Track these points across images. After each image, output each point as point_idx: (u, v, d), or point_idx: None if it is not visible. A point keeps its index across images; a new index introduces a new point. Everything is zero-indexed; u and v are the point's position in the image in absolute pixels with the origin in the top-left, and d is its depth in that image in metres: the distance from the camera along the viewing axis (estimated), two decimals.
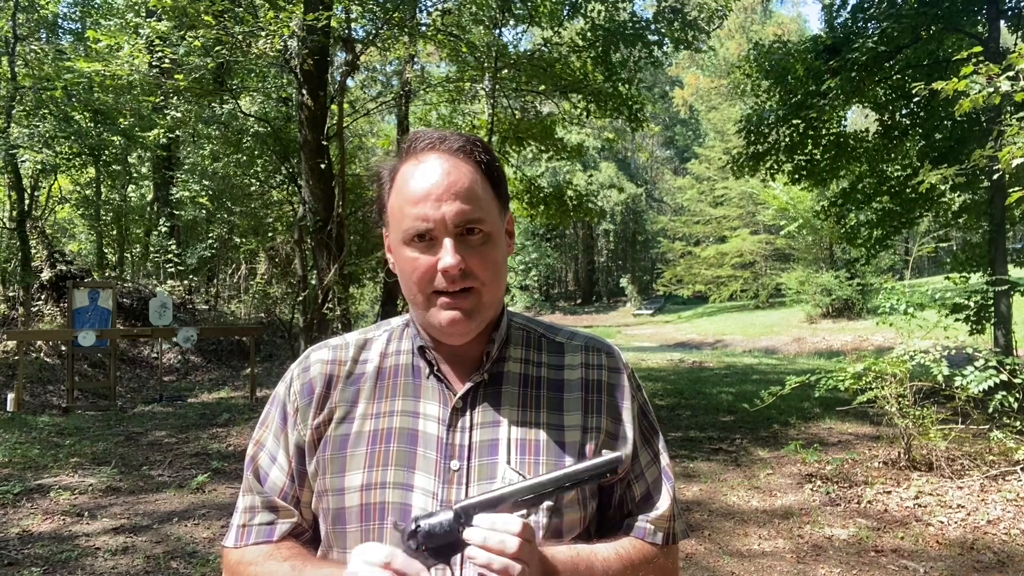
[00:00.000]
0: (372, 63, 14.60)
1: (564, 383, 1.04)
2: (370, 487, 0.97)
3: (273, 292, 16.62)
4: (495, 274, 0.97)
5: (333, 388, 1.03)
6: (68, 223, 17.99)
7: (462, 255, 0.93)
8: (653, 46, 10.42)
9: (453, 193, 0.94)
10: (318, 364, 1.05)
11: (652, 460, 1.07)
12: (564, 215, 13.21)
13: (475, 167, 0.97)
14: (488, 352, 1.01)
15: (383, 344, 1.07)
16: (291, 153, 10.57)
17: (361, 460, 0.99)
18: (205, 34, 7.58)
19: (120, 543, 4.30)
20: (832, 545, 4.19)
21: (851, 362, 5.76)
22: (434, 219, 0.93)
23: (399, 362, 1.05)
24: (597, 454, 1.00)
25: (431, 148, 0.97)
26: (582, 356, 1.06)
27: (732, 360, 15.80)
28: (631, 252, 50.00)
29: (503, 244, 1.00)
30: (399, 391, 1.02)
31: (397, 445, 0.99)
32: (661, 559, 1.04)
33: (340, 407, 1.02)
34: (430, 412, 1.00)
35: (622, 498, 1.06)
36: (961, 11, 8.77)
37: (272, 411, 1.07)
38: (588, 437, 1.01)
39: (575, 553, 0.95)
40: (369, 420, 1.01)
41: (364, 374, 1.04)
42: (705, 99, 46.56)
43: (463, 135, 1.00)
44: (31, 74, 12.02)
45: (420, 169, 0.96)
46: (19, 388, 9.13)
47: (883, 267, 25.52)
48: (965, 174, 8.18)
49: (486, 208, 0.97)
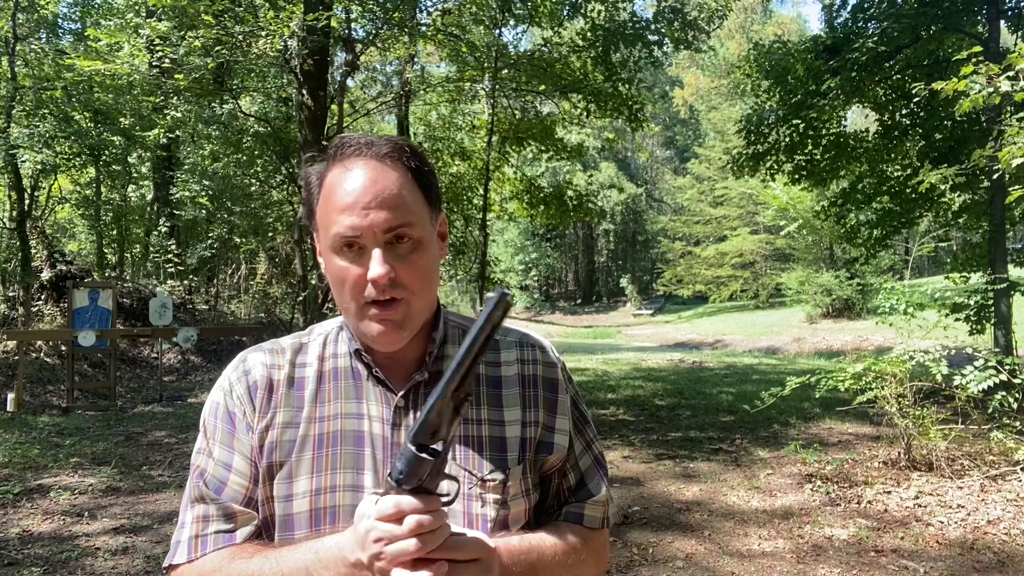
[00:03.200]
0: (372, 63, 14.60)
1: (502, 379, 1.05)
2: (319, 492, 0.96)
3: (273, 292, 16.63)
4: (425, 281, 0.97)
5: (275, 392, 1.01)
6: (68, 223, 17.99)
7: (391, 264, 0.92)
8: (653, 46, 10.42)
9: (380, 201, 0.92)
10: (258, 367, 1.03)
11: (585, 448, 1.10)
12: (564, 215, 13.21)
13: (404, 172, 0.96)
14: (431, 352, 1.02)
15: (319, 348, 1.05)
16: (291, 153, 10.57)
17: (308, 465, 0.97)
18: (205, 34, 7.58)
19: (120, 543, 4.30)
20: (832, 545, 4.19)
21: (851, 362, 5.76)
22: (362, 228, 0.92)
23: (337, 365, 1.03)
24: (535, 447, 1.04)
25: (358, 154, 0.95)
26: (517, 352, 1.07)
27: (732, 360, 15.80)
28: (631, 252, 50.00)
29: (434, 249, 0.99)
30: (340, 394, 1.01)
31: (343, 448, 0.98)
32: (597, 540, 1.09)
33: (283, 412, 1.00)
34: (373, 413, 1.00)
35: (559, 487, 1.09)
36: (961, 11, 8.77)
37: (214, 421, 1.03)
38: (527, 431, 1.03)
39: (527, 543, 0.98)
40: (313, 424, 0.99)
41: (304, 378, 1.03)
42: (705, 99, 46.55)
43: (391, 139, 0.98)
44: (31, 74, 12.02)
45: (347, 176, 0.94)
46: (19, 388, 9.13)
47: (883, 267, 25.51)
48: (965, 174, 8.19)
49: (416, 214, 0.95)
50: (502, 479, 1.00)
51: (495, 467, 1.00)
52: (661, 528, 4.53)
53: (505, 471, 1.00)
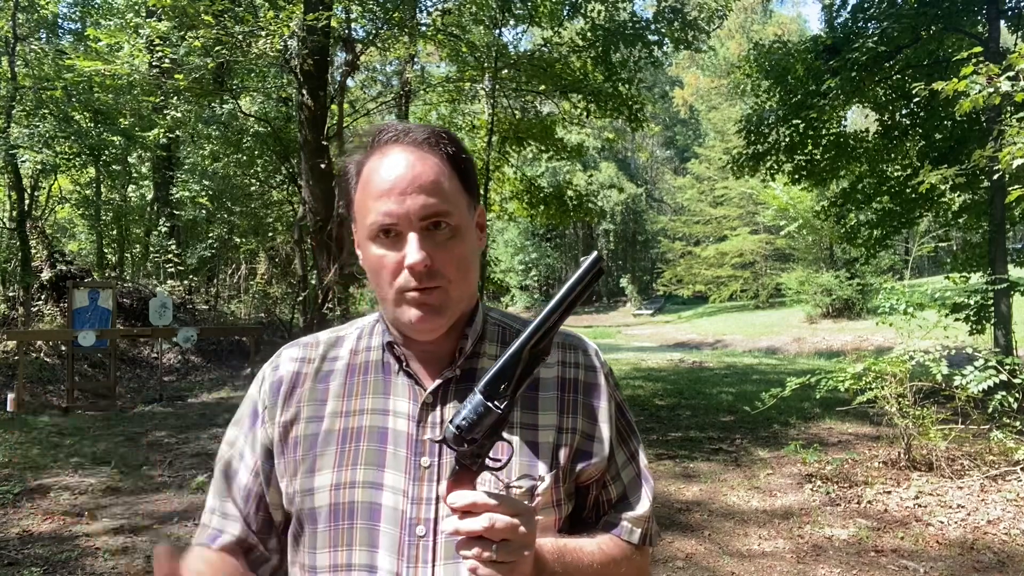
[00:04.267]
0: (372, 63, 14.61)
1: (539, 381, 1.00)
2: (339, 487, 0.95)
3: (273, 292, 16.62)
4: (463, 270, 0.95)
5: (301, 386, 1.01)
6: (68, 223, 17.99)
7: (428, 251, 0.90)
8: (653, 46, 10.42)
9: (418, 186, 0.91)
10: (288, 362, 1.03)
11: (628, 460, 1.05)
12: (564, 215, 13.21)
13: (441, 159, 0.94)
14: (461, 348, 0.98)
15: (354, 341, 1.04)
16: (291, 153, 10.57)
17: (331, 460, 0.96)
18: (205, 34, 7.57)
19: (120, 543, 4.30)
20: (832, 545, 4.19)
21: (851, 362, 5.76)
22: (398, 214, 0.90)
23: (369, 359, 1.02)
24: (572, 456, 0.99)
25: (395, 141, 0.94)
26: (558, 354, 1.03)
27: (732, 360, 15.80)
28: (631, 252, 49.99)
29: (472, 238, 0.98)
30: (369, 388, 1.00)
31: (367, 444, 0.96)
32: (638, 558, 1.02)
33: (308, 406, 1.00)
34: (400, 409, 0.97)
35: (597, 499, 1.04)
36: (961, 11, 8.77)
37: (244, 410, 1.05)
38: (563, 438, 0.98)
39: (561, 545, 0.94)
40: (339, 419, 0.98)
41: (334, 371, 1.02)
42: (705, 99, 46.53)
43: (429, 126, 0.97)
44: (31, 74, 12.02)
45: (384, 163, 0.93)
46: (19, 388, 9.13)
47: (883, 267, 25.50)
48: (965, 174, 8.18)
49: (453, 201, 0.93)
50: (531, 487, 0.95)
51: (524, 473, 0.95)
52: (661, 528, 4.51)
53: (535, 478, 0.95)
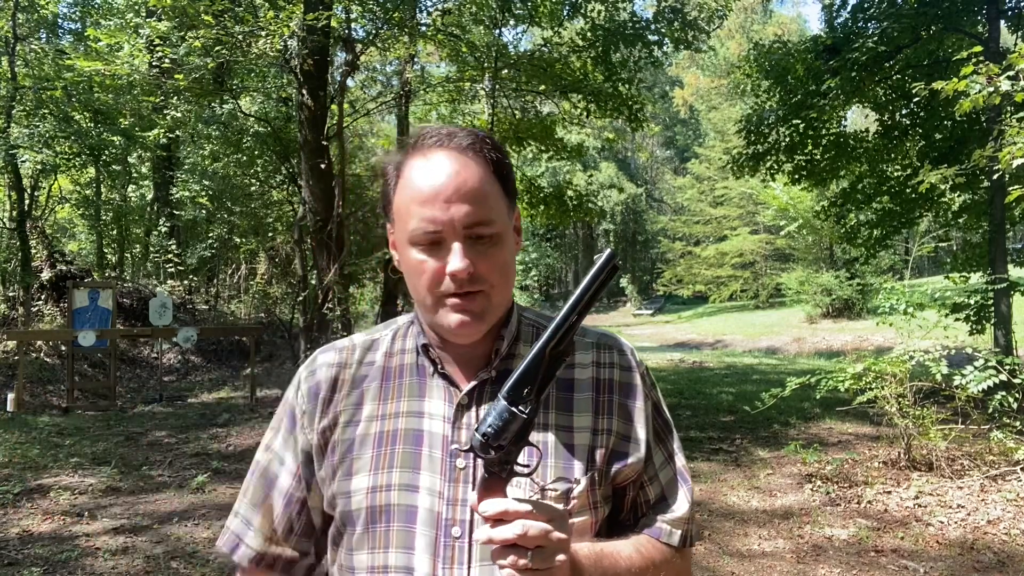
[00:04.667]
0: (372, 63, 14.59)
1: (574, 382, 1.00)
2: (376, 490, 0.96)
3: (273, 292, 16.61)
4: (504, 275, 0.95)
5: (338, 391, 1.02)
6: (68, 223, 17.99)
7: (471, 258, 0.91)
8: (653, 46, 10.42)
9: (462, 194, 0.91)
10: (324, 367, 1.04)
11: (666, 460, 1.04)
12: (564, 215, 13.20)
13: (484, 165, 0.94)
14: (497, 349, 0.99)
15: (388, 344, 1.05)
16: (291, 153, 10.57)
17: (367, 463, 0.97)
18: (205, 34, 7.57)
19: (120, 543, 4.30)
20: (832, 545, 4.19)
21: (851, 362, 5.76)
22: (442, 221, 0.90)
23: (404, 361, 1.03)
24: (608, 457, 0.98)
25: (439, 145, 0.94)
26: (593, 354, 1.02)
27: (732, 360, 15.80)
28: (631, 252, 49.97)
29: (511, 243, 0.98)
30: (404, 391, 1.00)
31: (402, 446, 0.97)
32: (678, 561, 1.01)
33: (345, 411, 1.01)
34: (435, 411, 0.98)
35: (635, 500, 1.03)
36: (961, 11, 8.77)
37: (281, 416, 1.06)
38: (599, 439, 0.98)
39: (599, 549, 0.93)
40: (375, 422, 0.99)
41: (370, 375, 1.02)
42: (705, 99, 46.52)
43: (472, 131, 0.97)
44: (31, 74, 12.02)
45: (428, 167, 0.93)
46: (19, 388, 9.13)
47: (883, 267, 25.50)
48: (965, 174, 8.18)
49: (495, 208, 0.94)
50: (566, 489, 0.94)
51: (559, 476, 0.95)
52: None
53: (570, 481, 0.95)
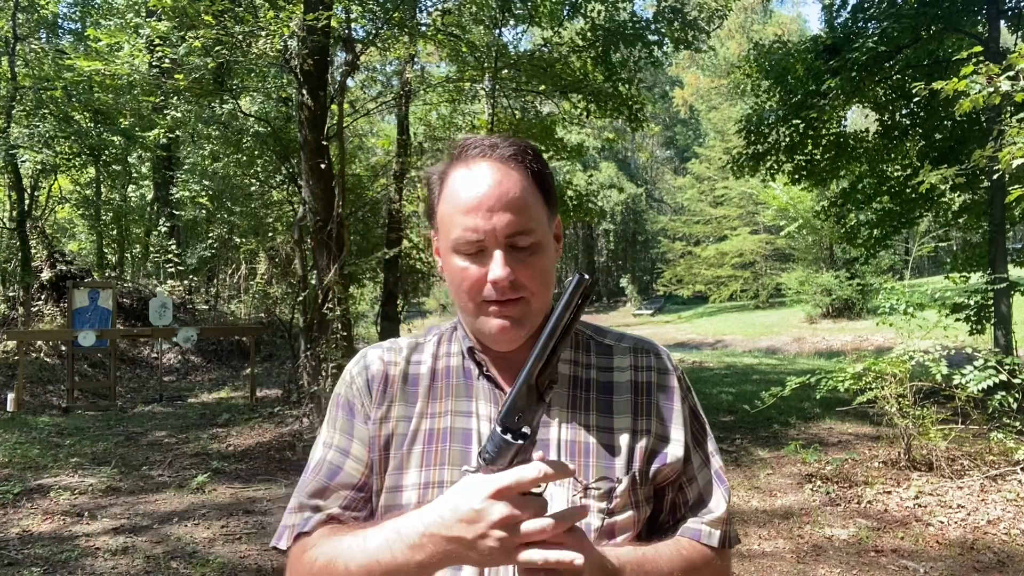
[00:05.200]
0: (372, 63, 14.57)
1: (613, 385, 1.04)
2: (427, 485, 0.98)
3: (273, 292, 16.60)
4: (544, 283, 0.98)
5: (389, 386, 1.05)
6: (68, 223, 17.99)
7: (511, 266, 0.94)
8: (653, 46, 10.40)
9: (504, 204, 0.94)
10: (376, 362, 1.07)
11: (704, 462, 1.07)
12: (564, 215, 13.20)
13: (526, 175, 0.97)
14: None
15: (434, 347, 1.09)
16: (291, 153, 10.55)
17: (418, 458, 1.00)
18: (205, 34, 7.56)
19: (120, 543, 4.30)
20: (832, 545, 4.20)
21: (851, 362, 5.76)
22: (484, 230, 0.93)
23: (450, 363, 1.06)
24: (647, 457, 1.00)
25: (482, 155, 0.97)
26: (631, 358, 1.06)
27: (732, 360, 15.80)
28: (631, 252, 49.99)
29: (551, 251, 1.01)
30: (452, 392, 1.04)
31: (452, 444, 1.00)
32: (718, 562, 1.03)
33: (397, 406, 1.04)
34: (482, 411, 1.01)
35: (674, 502, 1.05)
36: (961, 11, 8.76)
37: (336, 411, 1.08)
38: (638, 439, 1.01)
39: (640, 553, 0.95)
40: (425, 419, 1.02)
41: (418, 375, 1.06)
42: (705, 99, 46.52)
43: (514, 141, 1.00)
44: (31, 74, 12.02)
45: (471, 177, 0.96)
46: (19, 388, 9.13)
47: (883, 267, 25.50)
48: (965, 174, 8.18)
49: (536, 217, 0.97)
50: (608, 488, 0.98)
51: (601, 475, 0.98)
52: None
53: (612, 480, 0.98)
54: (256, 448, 7.07)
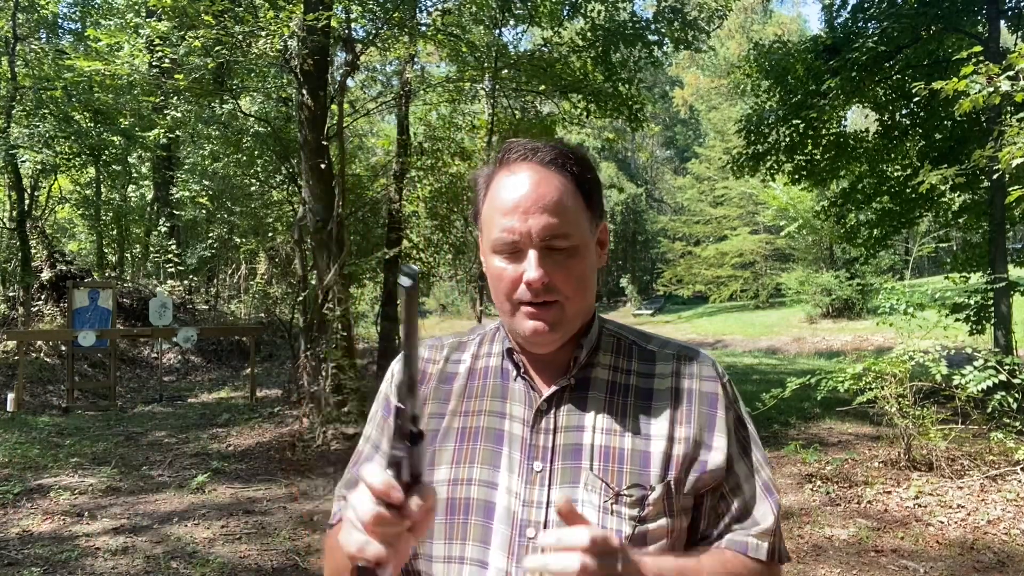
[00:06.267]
0: (372, 63, 14.58)
1: (653, 392, 1.02)
2: (457, 482, 0.99)
3: (273, 292, 16.61)
4: (580, 287, 0.99)
5: (426, 383, 1.07)
6: (68, 223, 18.00)
7: (546, 268, 0.95)
8: (653, 46, 10.40)
9: (541, 206, 0.95)
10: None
11: (750, 473, 1.03)
12: None
13: (566, 179, 0.99)
14: (576, 357, 1.02)
15: (475, 346, 1.11)
16: (291, 153, 10.55)
17: (449, 455, 1.01)
18: (205, 34, 7.57)
19: (120, 543, 4.30)
20: (832, 545, 4.20)
21: (851, 362, 5.76)
22: (520, 231, 0.95)
23: (489, 364, 1.08)
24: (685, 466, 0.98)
25: (523, 159, 0.99)
26: (674, 365, 1.05)
27: (732, 360, 15.80)
28: (631, 252, 49.98)
29: (592, 255, 1.02)
30: (488, 392, 1.05)
31: (484, 444, 1.01)
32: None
33: (433, 403, 1.06)
34: (516, 413, 1.02)
35: (715, 510, 1.01)
36: (961, 11, 8.76)
37: (376, 407, 1.12)
38: (675, 447, 0.98)
39: (680, 564, 0.93)
40: (458, 418, 1.04)
41: (457, 374, 1.08)
42: (705, 99, 46.51)
43: (557, 146, 1.01)
44: (31, 74, 12.02)
45: (511, 180, 0.98)
46: (19, 388, 9.13)
47: (883, 267, 25.50)
48: (965, 174, 8.18)
49: (574, 221, 0.98)
50: (641, 495, 0.95)
51: (634, 483, 0.96)
52: None
53: (646, 487, 0.96)
54: (256, 448, 7.07)
